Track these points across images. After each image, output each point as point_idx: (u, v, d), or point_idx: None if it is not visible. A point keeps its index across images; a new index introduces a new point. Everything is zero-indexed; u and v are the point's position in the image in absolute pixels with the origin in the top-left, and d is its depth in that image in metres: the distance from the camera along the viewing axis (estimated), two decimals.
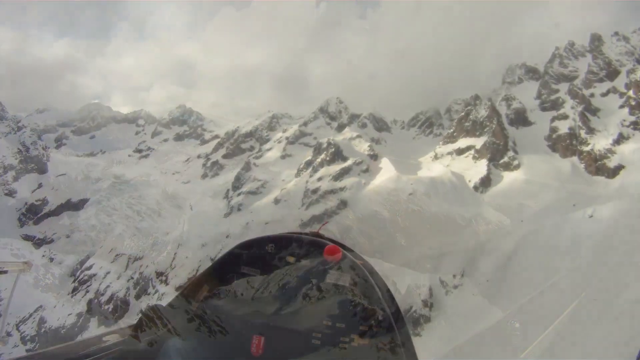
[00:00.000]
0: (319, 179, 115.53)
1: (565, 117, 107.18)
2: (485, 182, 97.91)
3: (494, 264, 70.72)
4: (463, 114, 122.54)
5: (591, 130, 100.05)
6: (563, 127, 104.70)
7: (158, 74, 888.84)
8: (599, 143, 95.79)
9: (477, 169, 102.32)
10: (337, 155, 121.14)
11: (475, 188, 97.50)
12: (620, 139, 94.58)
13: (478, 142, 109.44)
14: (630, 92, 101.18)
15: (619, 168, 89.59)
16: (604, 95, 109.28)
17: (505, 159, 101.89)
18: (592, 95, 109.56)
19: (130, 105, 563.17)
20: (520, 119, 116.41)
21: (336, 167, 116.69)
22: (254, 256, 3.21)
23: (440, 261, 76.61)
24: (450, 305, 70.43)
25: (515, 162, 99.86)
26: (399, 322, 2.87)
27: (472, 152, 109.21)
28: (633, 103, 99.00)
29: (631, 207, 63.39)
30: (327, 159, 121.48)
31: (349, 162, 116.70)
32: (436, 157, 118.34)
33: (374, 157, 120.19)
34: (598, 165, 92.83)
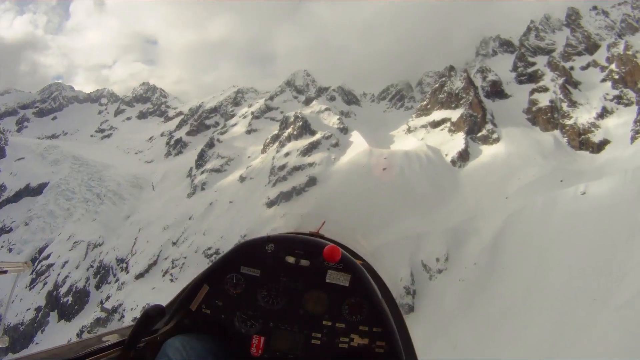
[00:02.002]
0: (286, 155, 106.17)
1: (545, 89, 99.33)
2: (464, 156, 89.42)
3: (480, 245, 62.66)
4: (437, 85, 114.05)
5: (573, 104, 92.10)
6: (543, 99, 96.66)
7: (121, 50, 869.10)
8: (582, 117, 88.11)
9: (454, 143, 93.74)
10: (305, 128, 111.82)
11: (453, 162, 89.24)
12: (604, 113, 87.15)
13: (454, 114, 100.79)
14: (613, 66, 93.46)
15: (604, 143, 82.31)
16: (584, 68, 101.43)
17: (484, 132, 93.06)
18: (572, 68, 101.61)
19: (94, 84, 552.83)
20: (497, 91, 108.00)
21: (304, 142, 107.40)
22: (254, 256, 3.03)
23: (421, 243, 68.31)
24: (435, 292, 61.83)
25: (495, 136, 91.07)
26: (398, 322, 2.94)
27: (448, 124, 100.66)
28: (616, 77, 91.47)
29: (625, 183, 55.51)
30: (295, 133, 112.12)
31: (317, 136, 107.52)
32: (409, 130, 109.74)
33: (344, 130, 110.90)
34: (582, 140, 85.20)
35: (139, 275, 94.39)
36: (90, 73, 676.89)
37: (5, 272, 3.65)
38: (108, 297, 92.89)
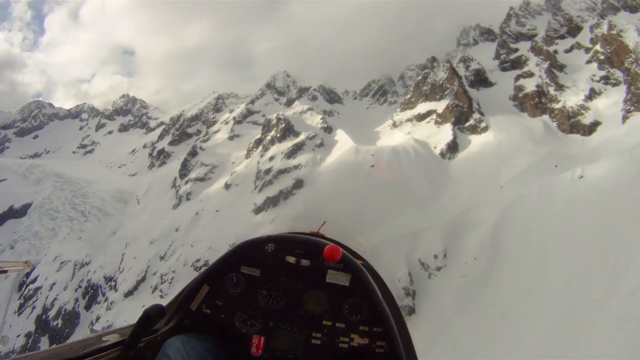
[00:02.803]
0: (271, 158, 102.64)
1: (530, 74, 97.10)
2: (452, 148, 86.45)
3: (478, 239, 59.87)
4: (420, 77, 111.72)
5: (560, 87, 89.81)
6: (529, 85, 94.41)
7: (99, 63, 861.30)
8: (570, 100, 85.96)
9: (441, 135, 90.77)
10: (288, 130, 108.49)
11: (442, 155, 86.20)
12: (592, 95, 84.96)
13: (439, 105, 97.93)
14: (598, 47, 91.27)
15: (595, 124, 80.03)
16: (567, 51, 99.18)
17: (471, 121, 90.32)
18: (555, 52, 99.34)
19: (74, 99, 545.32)
20: (481, 80, 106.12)
21: (288, 144, 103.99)
22: (254, 256, 3.00)
23: (417, 240, 64.82)
24: (436, 291, 58.39)
25: (483, 125, 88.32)
26: (399, 321, 2.92)
27: (434, 116, 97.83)
28: (602, 57, 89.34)
29: (624, 164, 53.73)
30: (278, 135, 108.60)
31: (301, 137, 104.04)
32: (394, 125, 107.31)
33: (328, 129, 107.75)
34: (572, 123, 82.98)
35: (128, 293, 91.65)
36: (69, 88, 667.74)
37: (5, 271, 3.83)
38: (98, 318, 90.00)
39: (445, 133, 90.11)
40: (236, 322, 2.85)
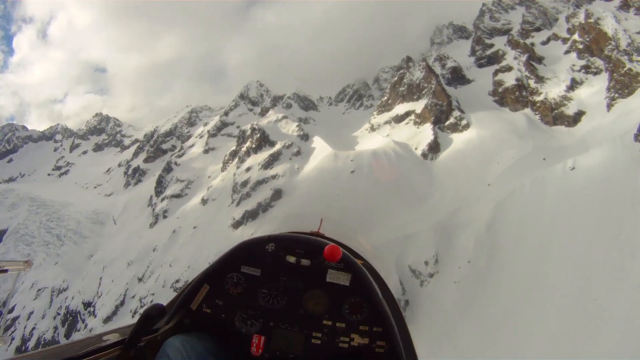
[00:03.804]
0: (247, 170, 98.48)
1: (509, 68, 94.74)
2: (434, 148, 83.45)
3: (472, 240, 56.27)
4: (396, 78, 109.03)
5: (540, 79, 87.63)
6: (509, 79, 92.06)
7: (71, 82, 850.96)
8: (552, 91, 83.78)
9: (422, 135, 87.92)
10: (264, 140, 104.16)
11: (424, 155, 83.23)
12: (574, 85, 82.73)
13: (417, 106, 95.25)
14: (576, 36, 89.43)
15: (580, 114, 77.86)
16: (544, 43, 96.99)
17: (452, 119, 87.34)
18: (532, 44, 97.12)
19: (47, 121, 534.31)
20: (458, 77, 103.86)
21: (264, 154, 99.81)
22: (254, 255, 2.91)
23: (406, 245, 60.59)
24: (429, 299, 54.50)
25: (464, 122, 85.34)
26: (399, 321, 2.90)
27: (413, 117, 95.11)
28: (580, 47, 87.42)
29: (616, 151, 51.79)
30: (253, 146, 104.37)
31: (277, 147, 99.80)
32: (372, 129, 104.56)
33: (305, 137, 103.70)
34: (555, 115, 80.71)
35: (107, 319, 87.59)
36: (42, 110, 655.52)
37: (5, 271, 3.88)
38: None
39: (426, 133, 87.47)
40: (236, 321, 2.76)
